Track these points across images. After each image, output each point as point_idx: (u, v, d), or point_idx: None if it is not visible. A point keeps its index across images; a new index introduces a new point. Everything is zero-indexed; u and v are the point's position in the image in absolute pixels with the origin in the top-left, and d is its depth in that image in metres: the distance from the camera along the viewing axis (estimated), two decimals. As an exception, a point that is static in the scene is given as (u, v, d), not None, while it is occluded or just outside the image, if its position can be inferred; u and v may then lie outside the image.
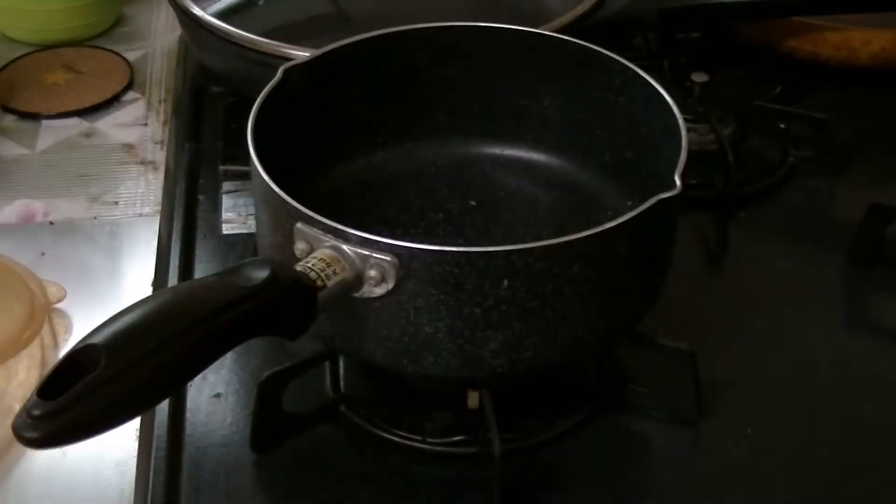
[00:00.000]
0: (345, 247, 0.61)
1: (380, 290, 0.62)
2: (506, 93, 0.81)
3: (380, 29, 0.79)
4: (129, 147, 0.96)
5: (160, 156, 0.94)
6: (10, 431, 0.50)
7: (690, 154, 0.68)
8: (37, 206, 0.89)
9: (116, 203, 0.89)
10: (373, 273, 0.61)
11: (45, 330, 0.76)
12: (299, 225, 0.63)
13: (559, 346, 0.65)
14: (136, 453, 0.70)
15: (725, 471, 0.69)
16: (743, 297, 0.81)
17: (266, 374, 0.67)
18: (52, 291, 0.78)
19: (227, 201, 0.89)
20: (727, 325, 0.78)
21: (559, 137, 0.81)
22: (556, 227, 0.77)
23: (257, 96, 0.71)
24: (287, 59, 0.77)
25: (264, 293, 0.56)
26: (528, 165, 0.82)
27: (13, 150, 0.95)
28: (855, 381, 0.75)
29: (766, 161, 0.92)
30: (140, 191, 0.91)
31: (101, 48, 1.07)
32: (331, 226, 0.62)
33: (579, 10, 0.92)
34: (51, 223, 0.87)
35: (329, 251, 0.61)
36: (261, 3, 0.98)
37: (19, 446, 0.51)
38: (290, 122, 0.75)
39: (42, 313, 0.76)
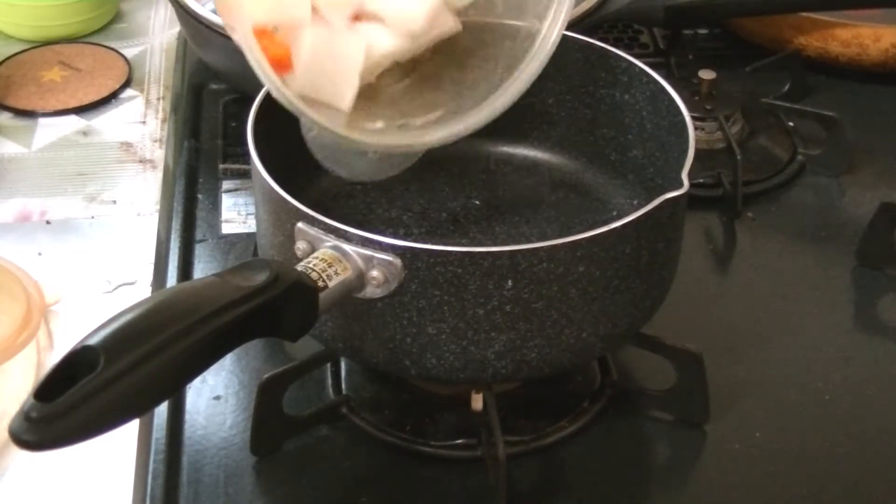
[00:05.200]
0: (346, 247, 0.61)
1: (382, 291, 0.61)
2: (510, 90, 0.81)
3: (382, 25, 0.78)
4: (127, 145, 0.95)
5: (159, 154, 0.94)
6: (6, 434, 0.49)
7: (697, 152, 0.68)
8: (33, 206, 0.88)
9: (114, 202, 0.89)
10: (375, 273, 0.61)
11: (42, 332, 0.76)
12: (300, 224, 0.62)
13: (564, 347, 0.64)
14: (134, 456, 0.69)
15: (733, 474, 0.68)
16: (750, 298, 0.80)
17: (266, 375, 0.67)
18: (49, 292, 0.78)
19: (226, 200, 0.88)
20: (734, 326, 0.78)
21: (564, 135, 0.81)
22: (560, 227, 0.77)
23: (257, 94, 0.71)
24: (288, 55, 0.76)
25: (265, 294, 0.56)
26: (533, 164, 0.82)
27: (9, 148, 0.94)
28: (864, 383, 0.74)
29: (774, 159, 0.91)
30: (138, 190, 0.90)
31: (98, 45, 1.06)
32: (332, 225, 0.61)
33: (585, 6, 0.92)
34: (47, 223, 0.87)
35: (330, 251, 0.61)
36: (261, -1, 0.98)
37: (16, 449, 0.50)
38: (292, 120, 0.75)
39: (38, 315, 0.75)
